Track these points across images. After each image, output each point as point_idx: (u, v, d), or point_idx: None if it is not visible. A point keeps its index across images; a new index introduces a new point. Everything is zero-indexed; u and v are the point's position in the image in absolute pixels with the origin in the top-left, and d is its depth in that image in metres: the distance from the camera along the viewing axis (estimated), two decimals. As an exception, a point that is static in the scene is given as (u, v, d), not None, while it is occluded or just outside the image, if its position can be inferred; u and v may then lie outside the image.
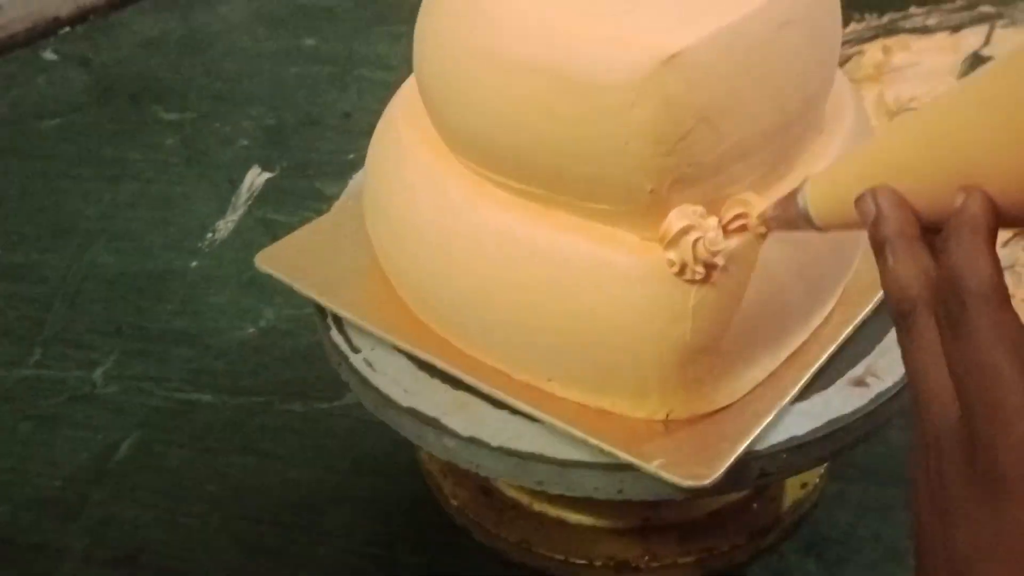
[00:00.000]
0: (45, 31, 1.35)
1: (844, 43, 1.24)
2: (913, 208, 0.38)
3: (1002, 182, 0.35)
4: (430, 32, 0.54)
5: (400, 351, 0.59)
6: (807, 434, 0.53)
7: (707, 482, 0.50)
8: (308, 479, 0.75)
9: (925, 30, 1.25)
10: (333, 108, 1.17)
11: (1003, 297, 0.34)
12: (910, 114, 0.39)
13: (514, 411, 0.55)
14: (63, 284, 0.94)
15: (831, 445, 0.54)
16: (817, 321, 0.58)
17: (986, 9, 1.28)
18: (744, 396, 0.54)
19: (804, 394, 0.55)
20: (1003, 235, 0.91)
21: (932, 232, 0.37)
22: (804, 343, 0.57)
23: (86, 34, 1.35)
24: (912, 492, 0.37)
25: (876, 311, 0.59)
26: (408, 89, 0.61)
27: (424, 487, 0.72)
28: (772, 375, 0.55)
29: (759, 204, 0.49)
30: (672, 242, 0.48)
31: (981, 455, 0.33)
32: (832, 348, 0.57)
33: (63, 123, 1.18)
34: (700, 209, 0.49)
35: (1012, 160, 0.35)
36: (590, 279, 0.51)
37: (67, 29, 1.36)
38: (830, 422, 0.54)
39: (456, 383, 0.57)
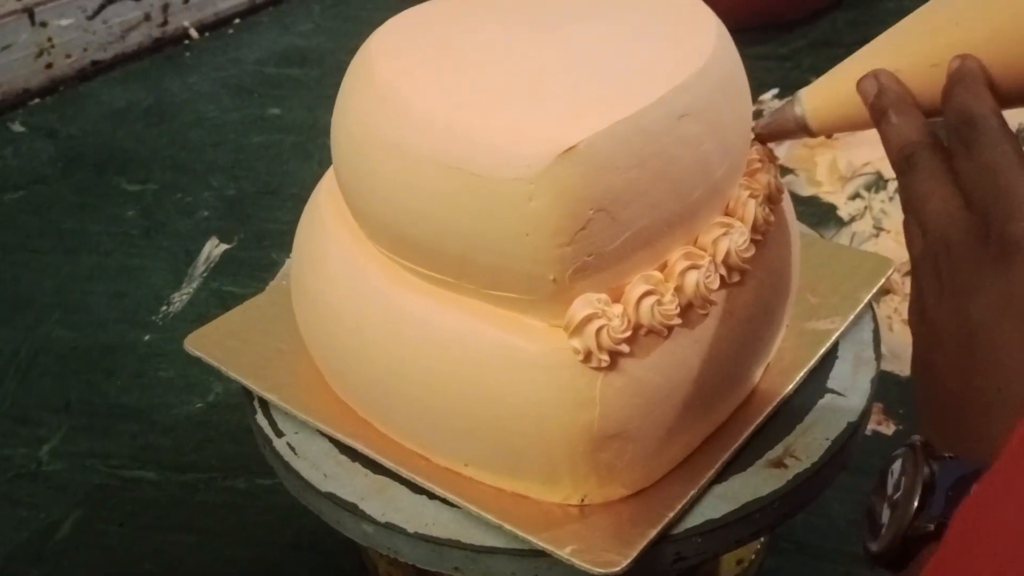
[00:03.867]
0: (15, 103, 1.37)
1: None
2: None
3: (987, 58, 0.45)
4: (343, 122, 0.54)
5: (323, 435, 0.59)
6: (723, 517, 0.53)
7: (618, 569, 0.49)
8: (247, 557, 0.75)
9: (883, 94, 1.27)
10: (294, 178, 1.18)
11: (1003, 120, 0.42)
12: (896, 25, 0.49)
13: (432, 496, 0.55)
14: (15, 359, 0.94)
15: (748, 528, 0.54)
16: (737, 401, 0.58)
17: (943, 73, 1.29)
18: (661, 479, 0.54)
19: (722, 476, 0.55)
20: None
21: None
22: (724, 423, 0.57)
23: (55, 105, 1.37)
24: (914, 298, 0.44)
25: (798, 390, 0.60)
26: (333, 172, 0.61)
27: (361, 565, 0.72)
28: (690, 457, 0.55)
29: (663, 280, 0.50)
30: (576, 330, 0.49)
31: (994, 231, 0.39)
32: (751, 429, 0.57)
33: (27, 195, 1.19)
34: (604, 297, 0.49)
35: (998, 40, 0.44)
36: (499, 365, 0.51)
37: (36, 100, 1.38)
38: (746, 504, 0.54)
39: (377, 467, 0.57)
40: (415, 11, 0.58)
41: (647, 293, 0.50)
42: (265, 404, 0.61)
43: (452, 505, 0.54)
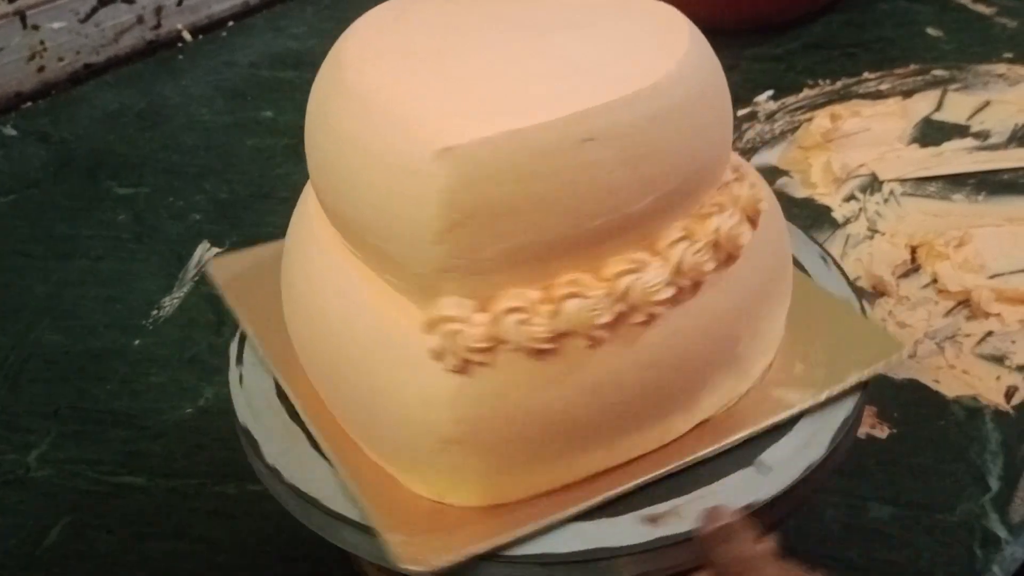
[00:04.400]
0: (6, 106, 1.36)
1: (797, 109, 1.25)
2: None
3: None
4: (311, 108, 0.58)
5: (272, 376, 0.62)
6: (565, 554, 0.52)
7: (419, 569, 0.50)
8: (237, 564, 0.75)
9: (878, 95, 1.26)
10: (286, 181, 1.18)
11: None
12: None
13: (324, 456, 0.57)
14: (5, 364, 0.93)
15: (589, 572, 0.52)
16: (651, 445, 0.56)
17: (939, 73, 1.29)
18: (534, 499, 0.54)
19: (591, 515, 0.53)
20: (946, 304, 0.92)
21: None
22: (633, 462, 0.55)
23: (47, 109, 1.36)
24: None
25: (726, 453, 0.56)
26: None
27: (353, 574, 0.71)
28: (574, 486, 0.54)
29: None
30: (430, 327, 0.49)
31: None
32: (647, 478, 0.55)
33: (19, 199, 1.18)
34: (468, 302, 0.49)
35: None
36: (376, 350, 0.53)
37: (29, 104, 1.37)
38: (594, 550, 0.52)
39: (297, 418, 0.59)
40: (385, 7, 0.61)
41: (513, 309, 0.49)
42: (244, 336, 0.64)
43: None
